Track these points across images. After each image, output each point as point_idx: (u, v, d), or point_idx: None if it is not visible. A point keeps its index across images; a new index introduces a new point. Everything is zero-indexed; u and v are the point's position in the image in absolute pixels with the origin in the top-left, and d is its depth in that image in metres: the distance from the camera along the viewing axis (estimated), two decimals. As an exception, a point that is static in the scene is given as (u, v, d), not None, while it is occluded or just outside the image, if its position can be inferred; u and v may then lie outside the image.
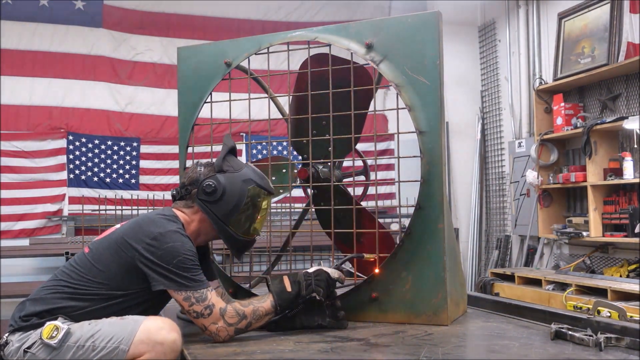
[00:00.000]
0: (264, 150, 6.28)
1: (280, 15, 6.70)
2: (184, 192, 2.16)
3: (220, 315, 1.98)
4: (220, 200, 2.11)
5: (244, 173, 2.16)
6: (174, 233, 2.01)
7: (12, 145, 5.85)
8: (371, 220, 2.47)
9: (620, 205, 4.48)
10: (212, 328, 1.97)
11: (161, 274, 1.95)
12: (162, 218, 2.07)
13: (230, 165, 2.16)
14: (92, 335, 1.88)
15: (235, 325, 2.00)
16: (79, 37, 6.11)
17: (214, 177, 2.13)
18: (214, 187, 2.11)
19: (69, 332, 1.87)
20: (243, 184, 2.14)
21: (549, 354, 1.78)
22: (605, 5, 4.75)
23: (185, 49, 2.73)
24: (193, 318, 1.98)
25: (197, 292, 1.96)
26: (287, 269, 3.08)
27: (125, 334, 1.87)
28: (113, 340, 1.86)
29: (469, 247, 6.51)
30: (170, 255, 1.96)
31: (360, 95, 2.44)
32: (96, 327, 1.90)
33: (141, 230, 2.02)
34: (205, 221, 2.14)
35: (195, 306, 1.96)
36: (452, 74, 6.24)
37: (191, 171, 2.19)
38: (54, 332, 1.86)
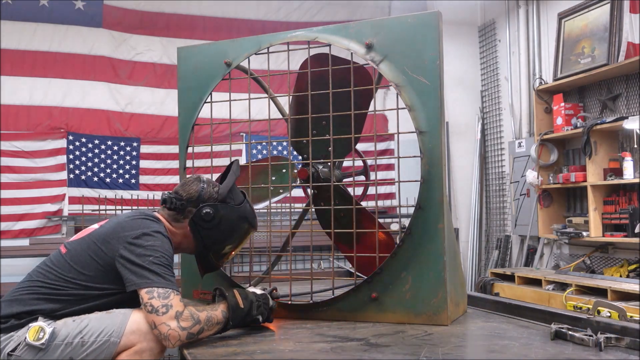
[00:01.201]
0: (264, 150, 6.28)
1: (280, 15, 6.70)
2: (179, 205, 2.14)
3: (175, 317, 1.88)
4: (212, 230, 2.13)
5: (242, 210, 2.18)
6: (157, 233, 2.02)
7: (12, 145, 5.85)
8: (371, 220, 2.47)
9: (620, 205, 4.48)
10: (163, 329, 1.87)
11: (134, 272, 1.93)
12: (145, 219, 2.07)
13: (232, 198, 2.17)
14: (80, 332, 1.88)
15: (189, 330, 1.90)
16: (79, 37, 6.11)
17: (215, 206, 2.13)
18: (212, 217, 2.12)
19: (54, 332, 1.87)
20: (239, 221, 2.18)
21: (549, 354, 1.78)
22: (605, 5, 4.76)
23: (185, 49, 2.73)
24: (147, 313, 1.89)
25: (162, 289, 1.90)
26: (287, 269, 3.08)
27: (115, 326, 1.88)
28: (103, 334, 1.87)
29: (469, 247, 6.51)
30: (148, 252, 1.95)
31: (360, 95, 2.44)
32: (83, 323, 1.90)
33: (123, 230, 2.01)
34: (188, 239, 2.17)
35: (154, 300, 1.88)
36: (452, 74, 6.24)
37: (191, 186, 2.16)
38: (40, 334, 1.85)
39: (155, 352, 1.93)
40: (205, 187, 2.15)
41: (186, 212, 2.14)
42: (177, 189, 2.19)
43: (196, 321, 1.93)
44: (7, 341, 1.86)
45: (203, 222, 2.12)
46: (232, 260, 2.81)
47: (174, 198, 2.14)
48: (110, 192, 6.11)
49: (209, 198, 2.13)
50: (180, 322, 1.89)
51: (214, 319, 1.99)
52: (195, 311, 1.95)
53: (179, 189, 2.18)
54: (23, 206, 5.84)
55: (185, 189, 2.16)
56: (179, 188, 2.19)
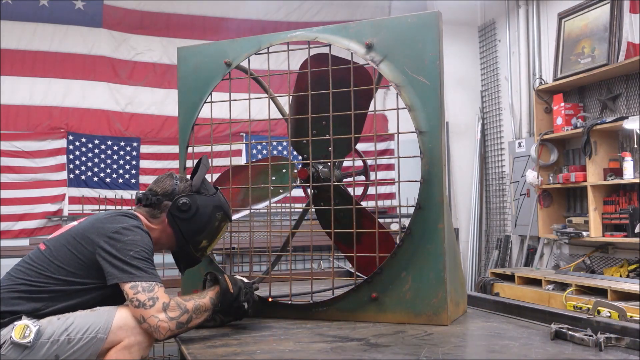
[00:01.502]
0: (264, 150, 6.28)
1: (280, 15, 6.70)
2: (155, 200, 2.18)
3: (163, 309, 1.91)
4: (190, 220, 2.17)
5: (216, 199, 2.24)
6: (136, 228, 2.04)
7: (12, 145, 5.85)
8: (371, 220, 2.47)
9: (620, 205, 4.48)
10: (152, 321, 1.89)
11: (116, 265, 1.94)
12: (123, 216, 2.10)
13: (205, 188, 2.24)
14: (66, 329, 1.88)
15: (177, 319, 1.93)
16: (79, 37, 6.11)
17: (191, 196, 2.18)
18: (188, 206, 2.16)
19: (40, 330, 1.86)
20: (214, 210, 2.22)
21: (549, 354, 1.78)
22: (605, 5, 4.76)
23: (185, 49, 2.73)
24: (134, 307, 1.90)
25: (145, 282, 1.93)
26: (287, 269, 3.08)
27: (102, 322, 1.89)
28: (90, 331, 1.87)
29: (469, 247, 6.51)
30: (129, 246, 1.97)
31: (360, 95, 2.44)
32: (68, 321, 1.90)
33: (103, 225, 2.03)
34: (166, 233, 2.19)
35: (139, 295, 1.90)
36: (452, 74, 6.24)
37: (164, 182, 2.21)
38: (26, 332, 1.84)
39: (144, 347, 1.93)
40: (178, 182, 2.21)
41: (162, 207, 2.18)
42: (150, 186, 2.23)
43: (184, 310, 1.96)
44: None
45: (180, 212, 2.16)
46: (232, 260, 2.81)
47: (148, 194, 2.19)
48: (110, 192, 6.12)
49: (183, 190, 2.19)
50: (168, 313, 1.92)
51: (202, 307, 2.03)
52: (181, 301, 1.98)
53: (153, 185, 2.23)
54: (23, 206, 5.84)
55: (159, 185, 2.21)
56: (152, 185, 2.24)
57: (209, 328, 2.25)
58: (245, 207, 2.72)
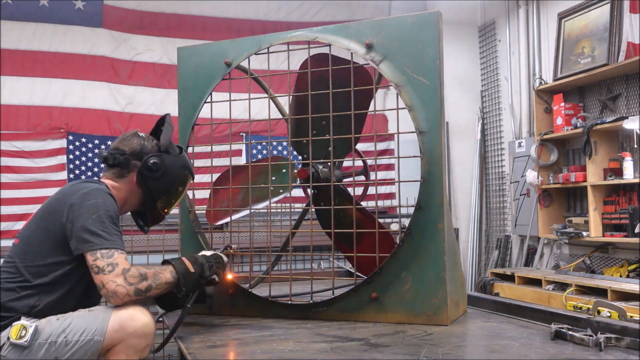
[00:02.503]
0: (264, 150, 6.28)
1: (280, 15, 6.69)
2: (123, 160, 2.17)
3: (122, 273, 1.91)
4: (159, 179, 2.19)
5: (183, 159, 2.28)
6: (98, 191, 2.04)
7: (12, 145, 5.84)
8: (371, 220, 2.47)
9: (620, 205, 4.48)
10: (110, 286, 1.89)
11: (77, 235, 1.93)
12: (84, 182, 2.10)
13: (173, 148, 2.26)
14: (63, 330, 1.88)
15: (136, 285, 1.92)
16: (79, 37, 6.10)
17: (160, 156, 2.19)
18: (158, 166, 2.18)
19: (37, 329, 1.86)
20: (181, 169, 2.26)
21: (549, 354, 1.78)
22: (605, 5, 4.75)
23: (185, 49, 2.73)
24: (94, 274, 1.91)
25: (105, 249, 1.92)
26: (287, 269, 3.08)
27: (97, 324, 1.89)
28: (86, 333, 1.87)
29: (469, 247, 6.51)
30: (90, 210, 1.96)
31: (360, 95, 2.44)
32: (66, 322, 1.90)
33: (65, 196, 2.03)
34: (134, 193, 2.20)
35: (98, 261, 1.91)
36: (452, 74, 6.23)
37: (130, 141, 2.21)
38: (22, 332, 1.84)
39: (140, 349, 1.92)
40: (145, 141, 2.21)
41: (130, 166, 2.18)
42: (116, 145, 2.22)
43: (143, 277, 1.95)
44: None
45: (150, 172, 2.17)
46: (232, 261, 2.81)
47: (116, 154, 2.18)
48: (110, 192, 6.10)
49: (151, 150, 2.20)
50: (127, 279, 1.91)
51: (162, 278, 2.02)
52: (142, 268, 1.99)
53: (119, 144, 2.22)
54: (23, 206, 5.83)
55: (126, 144, 2.20)
56: (118, 144, 2.22)
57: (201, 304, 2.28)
58: (245, 207, 2.72)
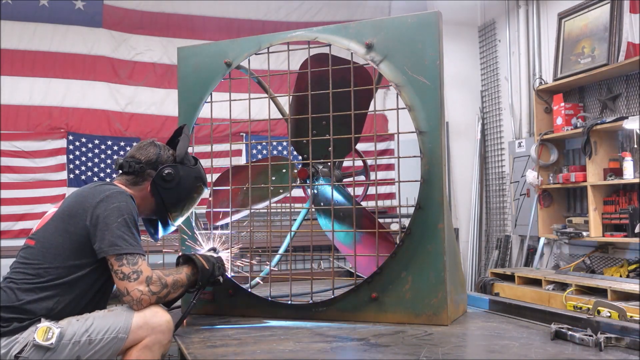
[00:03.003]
0: (264, 150, 6.28)
1: (280, 15, 6.69)
2: (138, 168, 2.19)
3: (146, 282, 1.96)
4: (173, 190, 2.21)
5: (197, 170, 2.30)
6: (121, 194, 2.05)
7: (12, 145, 5.84)
8: (371, 220, 2.47)
9: (620, 205, 4.48)
10: (135, 294, 1.94)
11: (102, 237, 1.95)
12: (105, 185, 2.12)
13: (187, 159, 2.28)
14: (86, 330, 1.89)
15: (158, 294, 1.99)
16: (79, 37, 6.10)
17: (174, 167, 2.21)
18: (172, 177, 2.19)
19: (62, 332, 1.87)
20: (195, 180, 2.28)
21: (549, 354, 1.78)
22: (605, 5, 4.75)
23: (185, 49, 2.73)
24: (118, 280, 1.95)
25: (130, 255, 1.96)
26: (287, 269, 3.08)
27: (121, 323, 1.91)
28: (110, 331, 1.89)
29: (469, 247, 6.51)
30: (115, 214, 1.98)
31: (360, 95, 2.44)
32: (88, 322, 1.91)
33: (86, 199, 2.02)
34: (147, 201, 2.22)
35: (124, 267, 1.94)
36: (452, 74, 6.23)
37: (147, 150, 2.23)
38: (48, 334, 1.85)
39: (164, 344, 1.96)
40: (161, 151, 2.23)
41: (145, 175, 2.20)
42: (133, 153, 2.24)
43: (164, 285, 2.02)
44: (12, 344, 1.86)
45: (164, 182, 2.19)
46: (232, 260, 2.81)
47: (132, 162, 2.20)
48: (110, 192, 6.09)
49: (166, 160, 2.22)
50: (150, 287, 1.97)
51: (179, 282, 2.11)
52: (162, 276, 2.03)
53: (135, 152, 2.24)
54: (23, 206, 5.83)
55: (142, 153, 2.22)
56: (134, 152, 2.24)
57: None
58: (245, 207, 2.72)
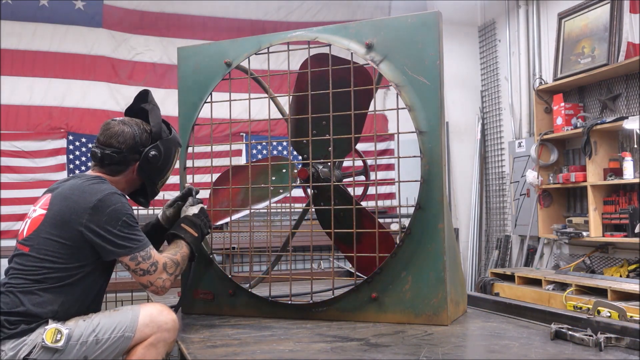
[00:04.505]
0: (264, 150, 6.28)
1: (280, 15, 6.69)
2: (121, 158, 2.13)
3: (164, 269, 2.06)
4: (160, 166, 2.22)
5: (174, 137, 2.29)
6: (112, 195, 2.01)
7: (12, 145, 5.84)
8: (371, 220, 2.47)
9: (620, 205, 4.48)
10: (159, 283, 2.04)
11: (109, 241, 1.96)
12: (92, 184, 2.04)
13: (164, 131, 2.24)
14: (93, 330, 1.91)
15: (175, 273, 2.11)
16: (79, 37, 6.10)
17: (156, 146, 2.19)
18: (157, 157, 2.19)
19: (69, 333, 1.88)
20: (174, 148, 2.29)
21: (549, 354, 1.78)
22: (605, 5, 4.75)
23: (185, 49, 2.73)
24: (139, 276, 2.02)
25: (142, 251, 2.01)
26: (287, 269, 3.08)
27: (128, 321, 1.93)
28: (117, 330, 1.91)
29: (469, 247, 6.51)
30: (114, 219, 1.97)
31: (361, 95, 2.44)
32: (94, 322, 1.93)
33: (77, 204, 1.98)
34: (134, 182, 2.23)
35: (142, 264, 2.01)
36: (452, 74, 6.23)
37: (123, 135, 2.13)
38: (57, 336, 1.86)
39: (169, 342, 1.98)
40: (137, 131, 2.17)
41: (128, 161, 2.17)
42: (109, 142, 2.13)
43: (177, 264, 2.13)
44: (20, 345, 1.86)
45: (151, 165, 2.19)
46: (232, 260, 2.81)
47: (112, 153, 2.12)
48: (110, 192, 6.09)
49: (145, 140, 2.18)
50: (168, 271, 2.08)
51: (186, 255, 2.21)
52: (172, 257, 2.12)
53: (112, 141, 2.13)
54: (23, 206, 5.83)
55: (118, 140, 2.13)
56: (109, 139, 2.13)
57: None
58: (245, 207, 2.72)
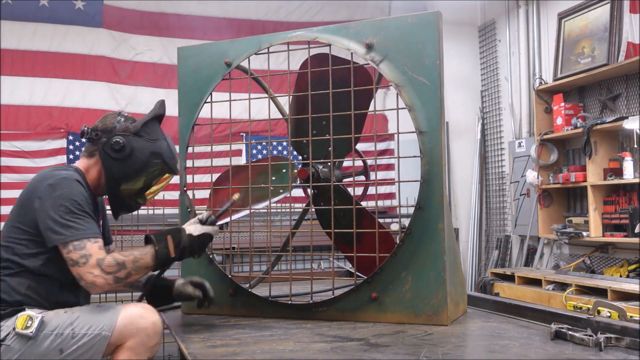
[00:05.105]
0: (264, 150, 6.28)
1: (280, 15, 6.69)
2: (93, 135, 2.14)
3: (97, 264, 1.91)
4: (123, 161, 2.12)
5: (157, 146, 2.19)
6: (65, 180, 2.00)
7: (12, 145, 5.84)
8: (371, 220, 2.47)
9: (620, 205, 4.48)
10: (88, 277, 1.90)
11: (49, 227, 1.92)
12: (55, 170, 2.06)
13: (147, 132, 2.18)
14: (70, 323, 1.88)
15: (114, 274, 1.92)
16: (79, 37, 6.10)
17: (127, 137, 2.13)
18: (121, 146, 2.11)
19: (43, 320, 1.87)
20: (151, 156, 2.16)
21: (549, 354, 1.78)
22: (605, 5, 4.75)
23: (185, 49, 2.73)
24: (70, 267, 1.93)
25: (76, 241, 1.92)
26: (287, 269, 3.08)
27: (106, 320, 1.89)
28: (94, 327, 1.88)
29: (469, 247, 6.51)
30: (57, 204, 1.94)
31: (361, 95, 2.44)
32: (74, 315, 1.91)
33: (34, 188, 2.00)
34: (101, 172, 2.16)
35: (72, 254, 1.91)
36: (452, 74, 6.23)
37: (109, 119, 2.18)
38: (28, 322, 1.84)
39: (150, 346, 1.93)
40: (122, 120, 2.17)
41: (99, 143, 2.15)
42: (96, 123, 2.19)
43: (121, 266, 1.94)
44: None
45: (113, 152, 2.11)
46: (232, 260, 2.81)
47: (89, 129, 2.15)
48: (110, 192, 6.09)
49: (124, 130, 2.15)
50: (104, 269, 1.91)
51: (142, 263, 1.99)
52: (119, 256, 1.95)
53: (98, 122, 2.19)
54: (23, 206, 5.83)
55: (102, 122, 2.18)
56: (98, 122, 2.19)
57: None
58: (245, 207, 2.72)
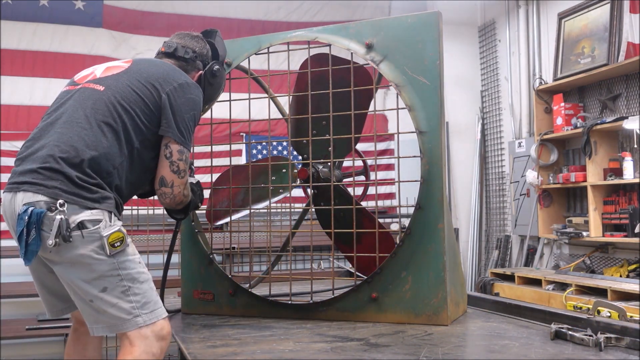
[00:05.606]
0: (264, 150, 6.28)
1: (280, 15, 6.69)
2: (192, 56, 2.19)
3: (186, 185, 2.06)
4: (213, 86, 2.25)
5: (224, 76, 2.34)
6: (197, 87, 2.09)
7: (12, 145, 5.84)
8: (371, 220, 2.47)
9: (620, 205, 4.48)
10: (176, 190, 2.01)
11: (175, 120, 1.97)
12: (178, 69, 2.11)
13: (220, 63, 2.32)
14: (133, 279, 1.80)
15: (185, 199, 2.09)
16: (79, 37, 6.10)
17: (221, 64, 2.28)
18: (219, 74, 2.25)
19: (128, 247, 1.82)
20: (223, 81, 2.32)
21: (549, 354, 1.78)
22: (605, 5, 4.75)
23: (185, 49, 2.73)
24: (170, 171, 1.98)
25: (188, 152, 2.01)
26: (287, 269, 3.08)
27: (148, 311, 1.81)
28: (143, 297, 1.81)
29: (469, 247, 6.51)
30: (189, 106, 2.02)
31: (361, 95, 2.44)
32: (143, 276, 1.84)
33: (167, 74, 2.03)
34: None
35: (181, 163, 1.99)
36: (452, 74, 6.23)
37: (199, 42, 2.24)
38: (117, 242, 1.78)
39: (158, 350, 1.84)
40: (208, 47, 2.27)
41: (195, 65, 2.22)
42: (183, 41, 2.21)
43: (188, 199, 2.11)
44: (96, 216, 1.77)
45: (212, 77, 2.23)
46: (232, 260, 2.81)
47: (187, 49, 2.20)
48: (110, 192, 6.09)
49: (212, 57, 2.28)
50: (184, 190, 2.06)
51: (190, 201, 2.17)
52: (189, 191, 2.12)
53: (187, 42, 2.22)
54: (23, 206, 5.83)
55: (194, 44, 2.23)
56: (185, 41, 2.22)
57: None
58: (245, 207, 2.72)
